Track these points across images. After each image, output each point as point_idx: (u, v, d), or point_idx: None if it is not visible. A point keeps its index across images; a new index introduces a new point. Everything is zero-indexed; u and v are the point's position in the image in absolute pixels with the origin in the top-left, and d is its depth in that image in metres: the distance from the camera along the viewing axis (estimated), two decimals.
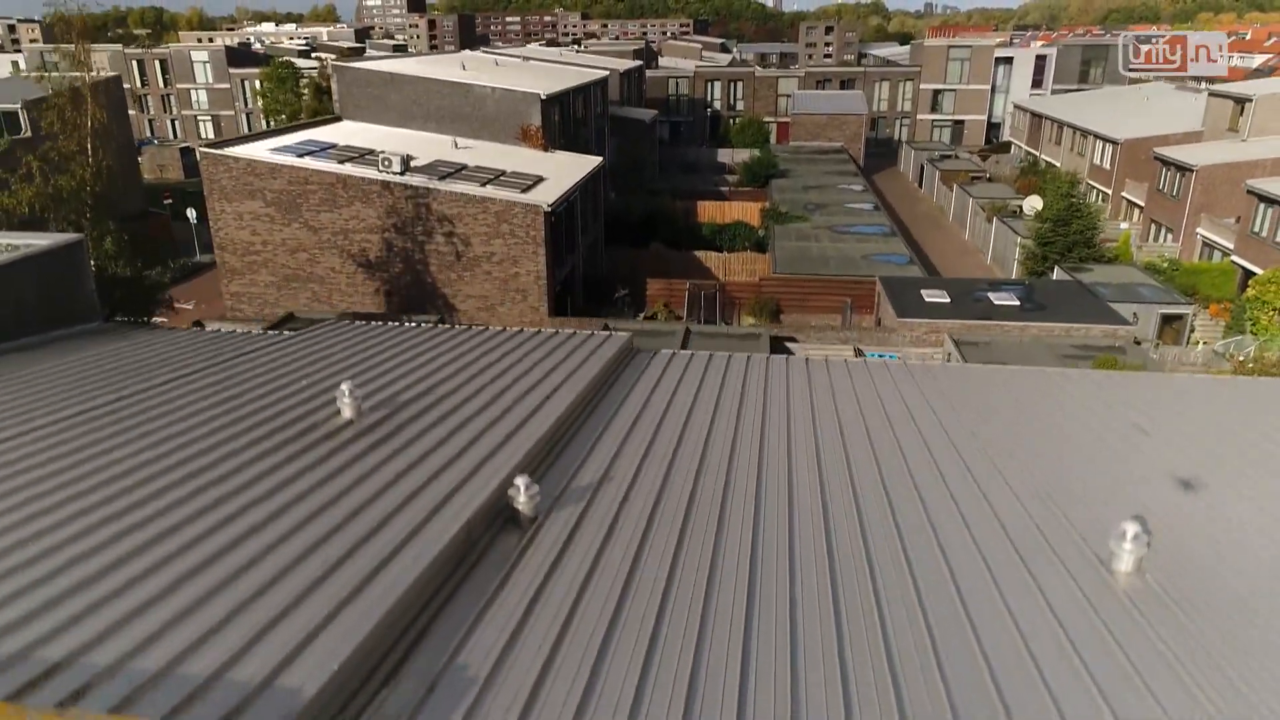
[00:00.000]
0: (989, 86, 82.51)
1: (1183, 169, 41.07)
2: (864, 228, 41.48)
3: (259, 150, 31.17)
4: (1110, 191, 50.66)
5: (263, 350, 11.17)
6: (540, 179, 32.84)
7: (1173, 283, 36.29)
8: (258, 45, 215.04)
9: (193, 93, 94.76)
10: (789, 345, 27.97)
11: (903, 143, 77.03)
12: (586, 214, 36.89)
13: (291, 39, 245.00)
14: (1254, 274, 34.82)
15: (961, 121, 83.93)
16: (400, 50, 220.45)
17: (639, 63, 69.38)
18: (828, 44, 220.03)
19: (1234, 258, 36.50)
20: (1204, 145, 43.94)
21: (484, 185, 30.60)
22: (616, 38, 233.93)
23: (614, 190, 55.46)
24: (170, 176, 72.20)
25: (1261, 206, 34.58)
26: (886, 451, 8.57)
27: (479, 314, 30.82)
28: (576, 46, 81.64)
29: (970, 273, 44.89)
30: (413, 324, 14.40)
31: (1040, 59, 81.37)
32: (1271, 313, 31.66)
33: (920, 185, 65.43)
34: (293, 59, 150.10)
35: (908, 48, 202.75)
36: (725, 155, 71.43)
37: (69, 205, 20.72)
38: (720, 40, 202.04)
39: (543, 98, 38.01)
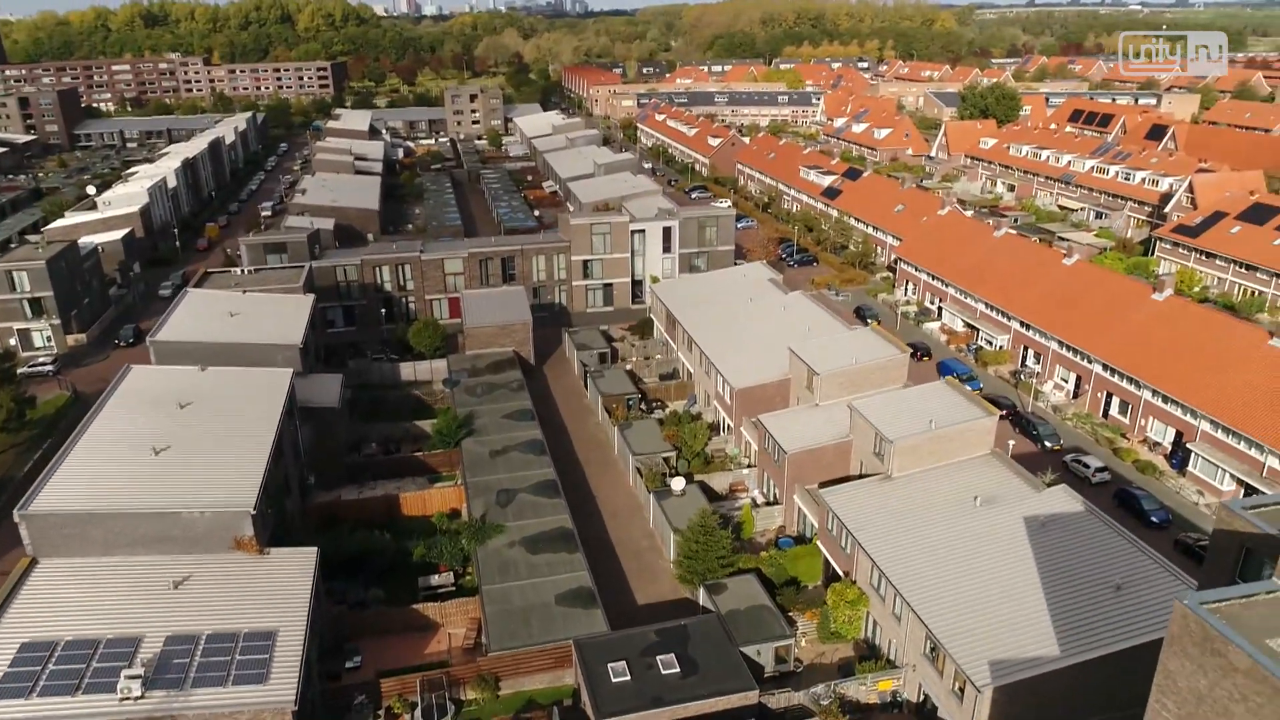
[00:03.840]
0: (629, 254, 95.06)
1: (779, 446, 54.02)
2: (550, 550, 49.14)
3: None
4: (733, 424, 63.62)
5: None
6: (273, 638, 36.72)
7: (781, 573, 48.73)
8: None
9: None
10: None
11: (565, 328, 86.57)
12: (314, 620, 40.99)
13: None
14: (830, 563, 48.13)
15: (610, 284, 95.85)
16: None
17: (310, 298, 71.42)
18: (474, 110, 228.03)
19: (818, 542, 49.68)
20: (790, 416, 57.44)
21: (227, 682, 34.06)
22: (252, 108, 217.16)
23: (312, 477, 58.79)
24: None
25: (830, 513, 47.74)
26: None
27: None
28: (240, 270, 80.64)
29: (637, 540, 55.01)
30: None
31: (666, 229, 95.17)
32: (845, 615, 44.66)
33: (586, 388, 75.14)
34: None
35: (550, 116, 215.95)
36: (408, 369, 76.26)
37: None
38: (370, 121, 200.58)
39: (252, 513, 41.32)
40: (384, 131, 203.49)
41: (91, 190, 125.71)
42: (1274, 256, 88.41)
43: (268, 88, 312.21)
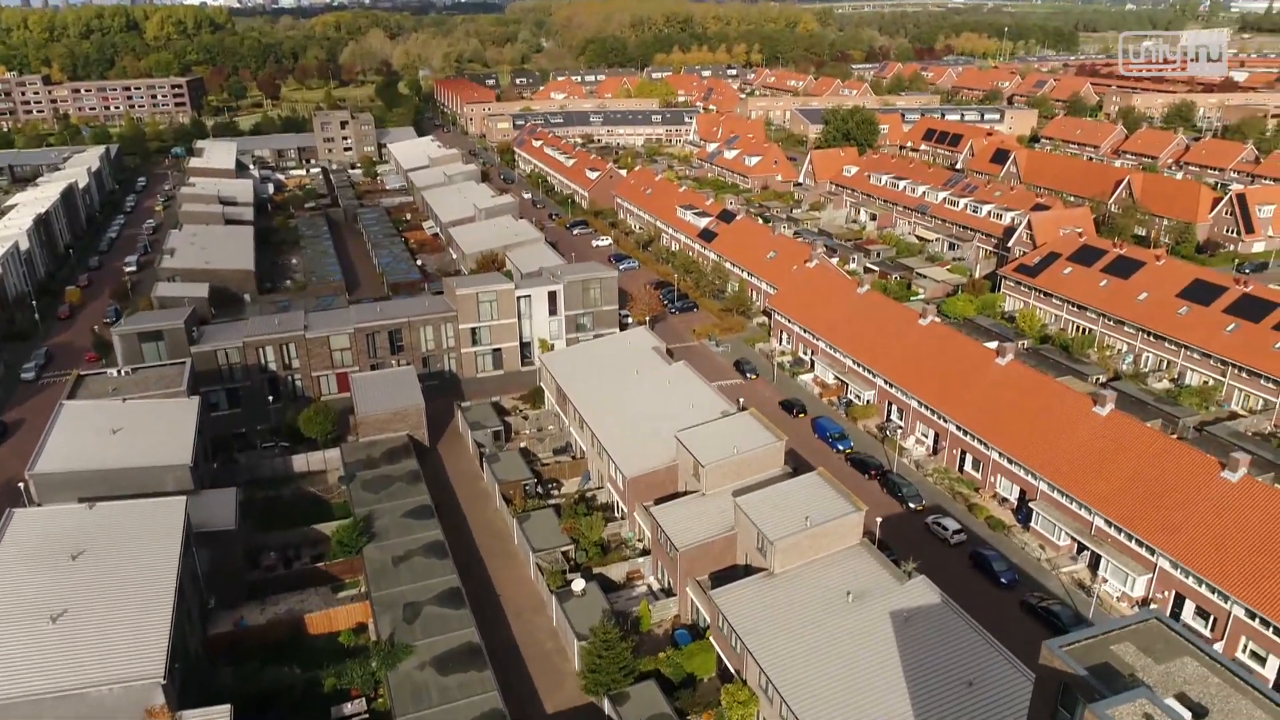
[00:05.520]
0: (516, 319, 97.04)
1: (671, 541, 57.78)
2: (460, 669, 51.26)
3: None
4: (627, 509, 67.05)
5: None
6: None
7: (679, 671, 52.58)
8: None
9: None
10: None
11: (457, 402, 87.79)
12: None
13: None
14: (721, 658, 52.27)
15: (499, 349, 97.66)
16: None
17: (196, 402, 70.43)
18: (345, 137, 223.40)
19: (711, 638, 53.72)
20: (680, 508, 61.21)
21: None
22: (104, 135, 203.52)
23: (213, 599, 58.93)
24: None
25: (720, 615, 51.80)
26: None
27: None
28: (115, 371, 78.27)
29: (542, 641, 57.74)
30: None
31: (552, 293, 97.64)
32: (738, 715, 48.83)
33: (482, 469, 76.98)
34: None
35: (425, 144, 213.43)
36: (301, 461, 76.24)
37: None
38: (238, 156, 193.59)
39: (163, 683, 41.95)
40: (252, 165, 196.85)
41: None
42: (1100, 297, 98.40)
43: (117, 107, 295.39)
